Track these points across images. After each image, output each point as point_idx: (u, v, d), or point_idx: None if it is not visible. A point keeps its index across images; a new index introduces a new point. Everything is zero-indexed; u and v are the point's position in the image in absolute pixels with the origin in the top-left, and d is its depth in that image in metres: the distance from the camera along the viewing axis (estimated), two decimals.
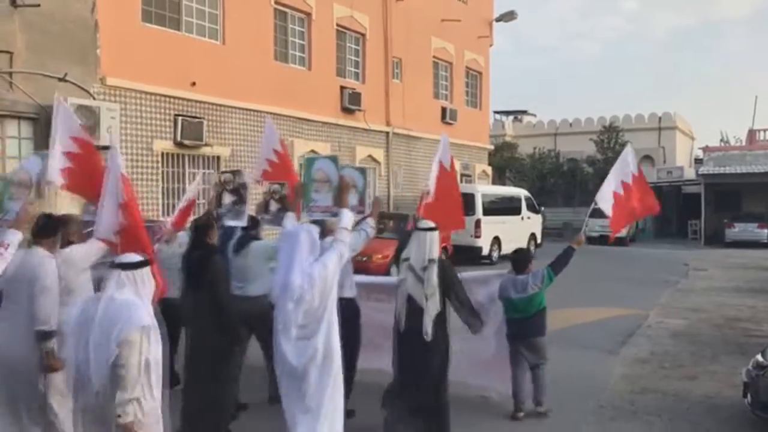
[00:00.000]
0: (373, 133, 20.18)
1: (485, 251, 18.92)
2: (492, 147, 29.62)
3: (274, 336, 4.80)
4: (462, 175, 24.84)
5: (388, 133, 20.78)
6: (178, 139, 13.91)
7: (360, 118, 19.43)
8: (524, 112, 45.82)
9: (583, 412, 6.47)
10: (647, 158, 37.26)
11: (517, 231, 20.13)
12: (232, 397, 5.55)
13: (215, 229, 5.79)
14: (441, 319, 5.51)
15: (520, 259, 6.58)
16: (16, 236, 4.71)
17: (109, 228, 4.89)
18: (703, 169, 30.82)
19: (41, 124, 11.66)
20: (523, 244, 18.50)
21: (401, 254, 5.70)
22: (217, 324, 5.25)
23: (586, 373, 7.84)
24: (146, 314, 3.54)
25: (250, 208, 6.41)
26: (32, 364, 4.56)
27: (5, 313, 4.71)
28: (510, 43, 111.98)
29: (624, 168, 7.15)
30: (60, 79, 11.74)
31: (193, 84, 14.25)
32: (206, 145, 14.56)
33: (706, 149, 34.33)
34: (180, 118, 13.94)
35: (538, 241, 22.04)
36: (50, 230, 5.01)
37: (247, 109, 15.63)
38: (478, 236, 18.44)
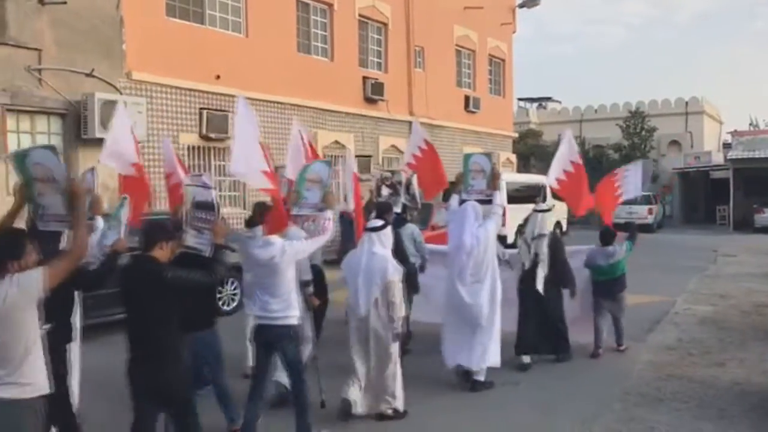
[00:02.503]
0: (396, 123, 20.18)
1: (510, 239, 18.83)
2: (516, 135, 29.46)
3: (449, 280, 6.78)
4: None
5: (411, 122, 20.75)
6: (204, 132, 14.06)
7: (383, 107, 19.45)
8: (549, 99, 45.42)
9: (609, 398, 6.47)
10: (675, 143, 36.78)
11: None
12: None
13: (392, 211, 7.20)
14: (552, 281, 7.40)
15: (606, 235, 8.16)
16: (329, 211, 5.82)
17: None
18: (731, 154, 30.30)
19: (70, 119, 11.88)
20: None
21: (521, 229, 7.82)
22: None
23: (612, 361, 7.83)
24: (395, 263, 5.76)
25: (365, 194, 6.84)
26: None
27: None
28: (533, 29, 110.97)
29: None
30: (87, 75, 11.94)
31: (218, 77, 14.37)
32: (231, 137, 14.68)
33: (734, 133, 33.74)
34: (205, 111, 14.08)
35: (564, 229, 21.89)
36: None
37: (271, 101, 15.72)
38: (503, 224, 18.33)
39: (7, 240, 3.48)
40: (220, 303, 10.22)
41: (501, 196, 7.28)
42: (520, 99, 41.85)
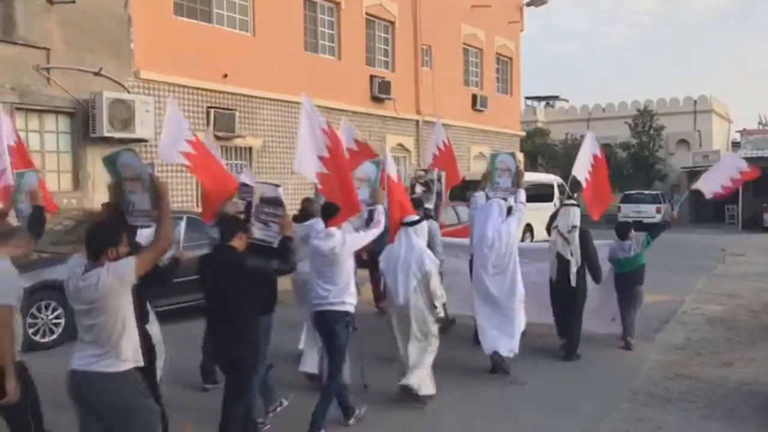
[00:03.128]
0: (403, 122, 20.18)
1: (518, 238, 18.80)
2: (523, 133, 29.40)
3: (475, 271, 7.31)
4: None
5: (418, 121, 20.76)
6: (211, 130, 14.09)
7: (390, 106, 19.44)
8: (556, 98, 45.33)
9: (617, 398, 6.45)
10: (683, 142, 36.66)
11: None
12: None
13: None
14: (581, 272, 7.80)
15: (622, 229, 8.61)
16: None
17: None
18: (740, 153, 30.14)
19: (78, 118, 11.93)
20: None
21: (551, 223, 8.05)
22: None
23: (620, 360, 7.82)
24: (430, 254, 6.35)
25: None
26: None
27: None
28: (541, 27, 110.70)
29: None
30: (95, 74, 11.99)
31: (225, 76, 14.40)
32: (238, 136, 14.72)
33: (743, 132, 33.62)
34: (212, 110, 14.12)
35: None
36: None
37: (278, 100, 15.75)
38: None
39: (107, 228, 3.85)
40: None
41: (524, 194, 7.70)
42: (527, 97, 41.85)
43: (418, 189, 9.33)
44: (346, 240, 5.57)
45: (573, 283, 7.71)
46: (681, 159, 34.92)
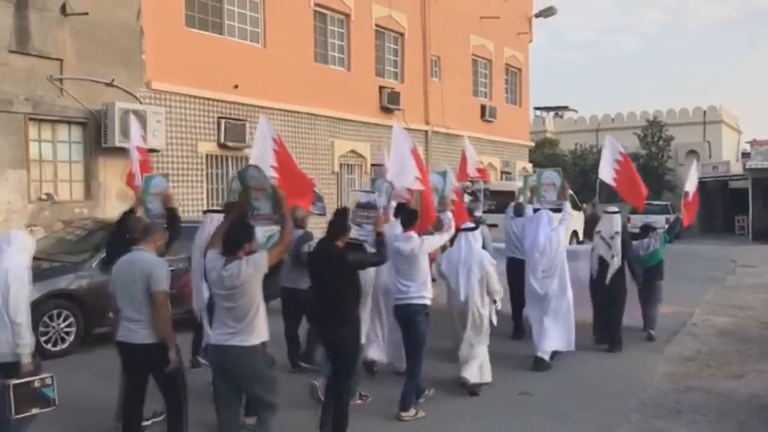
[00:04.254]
0: (413, 132, 20.13)
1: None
2: (532, 144, 29.39)
3: (525, 276, 8.17)
4: (502, 172, 24.73)
5: (427, 131, 20.81)
6: (222, 141, 14.18)
7: (399, 117, 19.45)
8: (565, 108, 45.33)
9: (626, 409, 6.44)
10: (692, 153, 36.52)
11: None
12: None
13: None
14: (621, 272, 8.60)
15: (643, 229, 9.73)
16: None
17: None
18: (750, 164, 30.05)
19: (90, 128, 12.03)
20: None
21: (594, 229, 9.02)
22: None
23: (630, 371, 7.79)
24: (488, 255, 7.10)
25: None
26: None
27: None
28: (550, 38, 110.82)
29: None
30: (108, 85, 12.10)
31: (236, 87, 14.49)
32: (249, 146, 14.77)
33: (753, 143, 33.56)
34: (223, 120, 14.21)
35: (580, 238, 21.74)
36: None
37: (288, 111, 15.84)
38: None
39: (243, 228, 4.74)
40: None
41: (569, 207, 8.70)
42: (536, 108, 41.86)
43: (466, 198, 10.28)
44: (423, 242, 6.36)
45: (607, 281, 8.54)
46: (691, 170, 34.80)
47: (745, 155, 36.41)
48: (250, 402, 5.13)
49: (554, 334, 7.96)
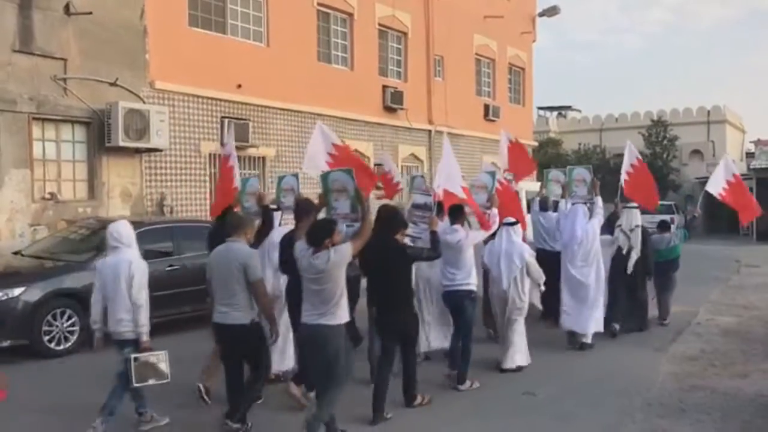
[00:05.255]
0: (416, 132, 20.22)
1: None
2: (536, 143, 29.35)
3: (563, 264, 8.84)
4: (504, 171, 24.67)
5: (430, 131, 20.80)
6: (225, 140, 14.17)
7: (402, 116, 19.50)
8: (569, 108, 45.23)
9: (631, 409, 6.42)
10: (696, 153, 36.45)
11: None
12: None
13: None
14: (642, 262, 9.45)
15: (663, 225, 10.61)
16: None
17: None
18: (754, 163, 29.97)
19: (94, 127, 12.05)
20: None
21: (615, 223, 9.59)
22: None
23: (634, 371, 7.77)
24: (528, 247, 7.84)
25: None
26: None
27: None
28: (553, 38, 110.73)
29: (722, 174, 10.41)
30: (111, 84, 12.11)
31: (239, 86, 14.50)
32: (252, 146, 14.80)
33: (758, 143, 33.45)
34: (226, 119, 14.21)
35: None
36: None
37: (291, 110, 15.84)
38: (523, 229, 18.29)
39: (325, 225, 5.43)
40: None
41: (601, 202, 9.17)
42: (539, 108, 41.75)
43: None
44: (469, 234, 7.20)
45: (629, 271, 9.32)
46: (694, 169, 34.71)
47: (750, 155, 36.33)
48: (309, 377, 5.77)
49: (593, 320, 8.75)
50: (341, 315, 5.22)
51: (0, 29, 10.84)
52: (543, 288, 8.00)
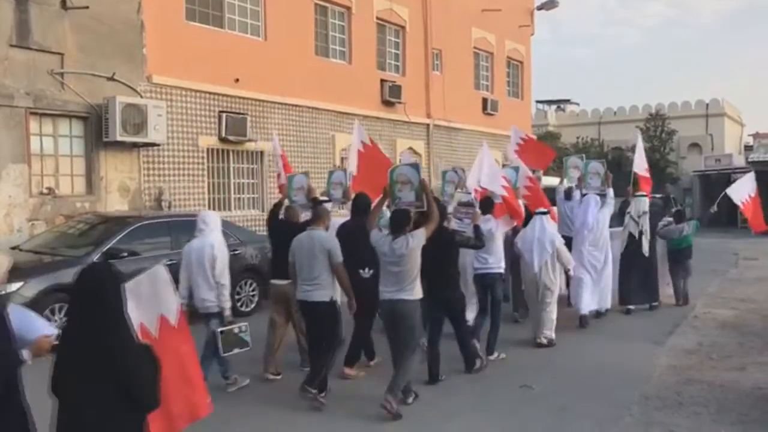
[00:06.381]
0: (414, 126, 20.19)
1: None
2: (534, 137, 29.29)
3: (575, 248, 9.71)
4: (504, 165, 24.67)
5: (428, 125, 20.77)
6: (223, 134, 14.17)
7: (400, 110, 19.47)
8: (567, 101, 45.25)
9: (628, 402, 6.44)
10: (695, 146, 36.48)
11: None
12: None
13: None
14: (653, 245, 10.65)
15: (678, 215, 11.68)
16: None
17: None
18: (753, 156, 30.01)
19: (91, 122, 12.03)
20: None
21: (626, 209, 10.64)
22: None
23: (631, 364, 7.79)
24: (559, 235, 8.74)
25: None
26: None
27: None
28: (551, 31, 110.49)
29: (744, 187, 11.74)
30: (108, 79, 12.08)
31: (237, 80, 14.47)
32: (250, 140, 14.79)
33: (756, 136, 33.49)
34: (224, 114, 14.20)
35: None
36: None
37: (289, 104, 15.81)
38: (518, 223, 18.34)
39: (403, 214, 6.23)
40: (239, 304, 10.29)
41: (611, 192, 10.14)
42: (538, 101, 41.78)
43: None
44: (498, 224, 8.16)
45: (646, 253, 10.47)
46: (693, 163, 34.75)
47: (748, 148, 36.36)
48: (393, 347, 6.37)
49: (596, 297, 9.92)
50: (417, 291, 6.10)
51: None
52: (572, 273, 9.01)
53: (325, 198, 8.58)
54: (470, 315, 8.25)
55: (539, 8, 25.15)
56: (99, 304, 3.07)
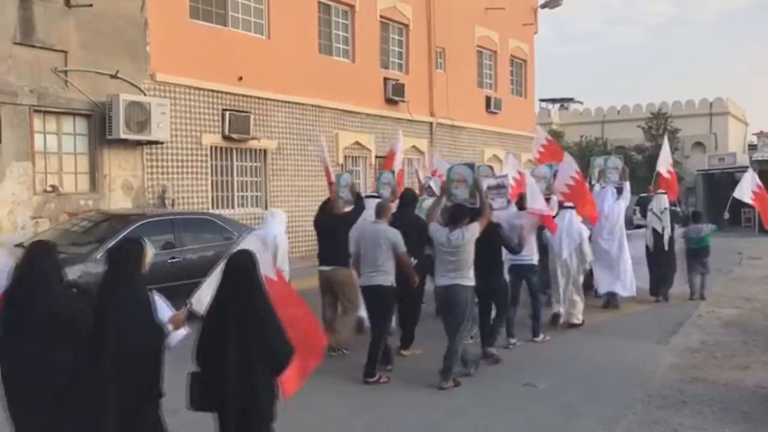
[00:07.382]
0: (417, 124, 20.19)
1: None
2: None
3: (593, 238, 10.07)
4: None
5: (431, 123, 20.77)
6: (226, 132, 14.18)
7: (404, 109, 19.46)
8: (570, 100, 45.13)
9: (631, 400, 6.42)
10: (699, 145, 36.37)
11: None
12: None
13: None
14: (671, 241, 11.21)
15: (696, 216, 12.22)
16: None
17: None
18: (757, 155, 29.90)
19: (95, 120, 12.04)
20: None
21: (647, 206, 11.46)
22: None
23: (635, 363, 7.77)
24: (584, 227, 9.48)
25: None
26: None
27: None
28: (555, 30, 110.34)
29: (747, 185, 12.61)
30: (112, 76, 12.10)
31: (240, 78, 14.48)
32: (253, 138, 14.80)
33: (760, 134, 33.37)
34: (227, 112, 14.20)
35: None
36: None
37: (292, 102, 15.82)
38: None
39: (461, 209, 6.96)
40: None
41: (627, 185, 10.90)
42: (541, 100, 41.67)
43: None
44: (529, 218, 8.53)
45: (667, 247, 11.11)
46: (696, 162, 34.64)
47: (752, 147, 36.23)
48: (447, 328, 6.91)
49: (612, 281, 10.57)
50: (470, 278, 6.74)
51: (1, 21, 10.82)
52: (587, 266, 9.57)
53: (375, 194, 9.55)
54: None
55: (542, 6, 25.14)
56: (249, 283, 3.84)
